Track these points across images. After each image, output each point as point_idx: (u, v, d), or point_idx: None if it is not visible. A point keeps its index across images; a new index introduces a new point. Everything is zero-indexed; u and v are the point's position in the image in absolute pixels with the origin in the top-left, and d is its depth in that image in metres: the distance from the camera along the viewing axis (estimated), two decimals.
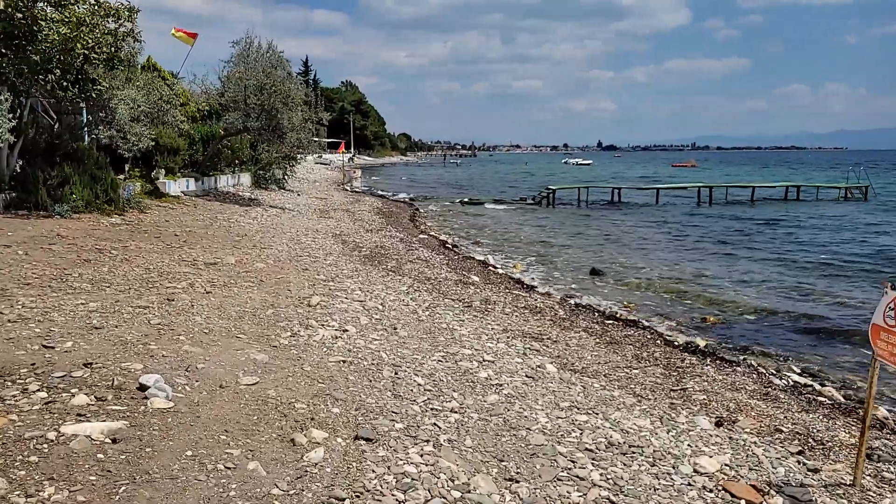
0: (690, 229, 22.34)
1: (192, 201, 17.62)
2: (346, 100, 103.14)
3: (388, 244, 14.57)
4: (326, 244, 13.50)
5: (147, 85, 13.86)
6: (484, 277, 11.52)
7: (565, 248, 17.48)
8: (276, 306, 7.31)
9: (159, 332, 5.66)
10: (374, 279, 10.08)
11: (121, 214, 12.98)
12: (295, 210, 20.40)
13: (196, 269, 8.95)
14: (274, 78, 19.07)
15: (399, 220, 21.10)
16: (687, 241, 19.35)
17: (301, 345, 5.90)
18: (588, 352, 6.78)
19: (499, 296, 9.73)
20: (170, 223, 13.26)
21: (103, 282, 7.46)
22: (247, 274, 9.13)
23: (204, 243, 11.43)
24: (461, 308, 8.54)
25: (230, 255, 10.51)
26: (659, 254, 16.91)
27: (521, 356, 6.41)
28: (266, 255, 11.11)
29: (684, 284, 12.39)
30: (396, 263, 11.95)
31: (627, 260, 15.58)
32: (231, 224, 14.78)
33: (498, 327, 7.55)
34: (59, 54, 10.74)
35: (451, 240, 17.19)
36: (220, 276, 8.66)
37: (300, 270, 10.07)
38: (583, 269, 13.99)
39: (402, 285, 9.81)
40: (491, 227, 21.81)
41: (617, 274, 13.41)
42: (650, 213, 28.20)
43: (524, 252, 16.43)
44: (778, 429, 4.93)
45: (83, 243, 9.67)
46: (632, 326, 8.49)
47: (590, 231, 21.53)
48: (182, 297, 7.08)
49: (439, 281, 10.52)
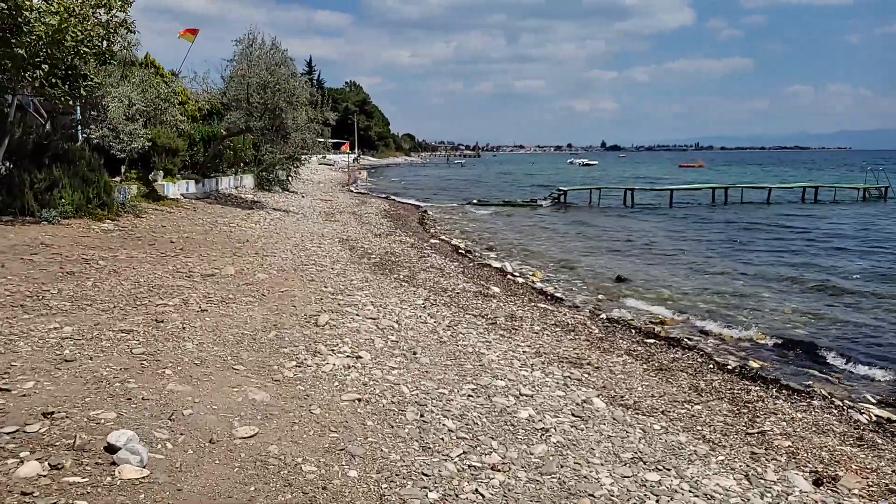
0: (712, 232, 21.40)
1: (191, 204, 16.82)
2: (350, 100, 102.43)
3: (399, 250, 13.72)
4: (333, 251, 12.66)
5: (143, 82, 13.04)
6: (505, 288, 10.65)
7: (584, 253, 16.58)
8: (279, 327, 6.47)
9: (142, 364, 4.81)
10: (386, 291, 9.23)
11: (114, 220, 12.18)
12: (299, 213, 19.58)
13: (191, 282, 8.11)
14: (278, 75, 18.24)
15: (408, 224, 20.25)
16: (711, 244, 18.41)
17: (308, 378, 5.04)
18: (637, 381, 5.90)
19: (524, 310, 8.86)
20: (166, 229, 12.44)
21: (85, 299, 6.62)
22: (247, 287, 8.28)
23: (202, 251, 10.60)
24: (485, 326, 7.67)
25: (230, 264, 9.68)
26: (683, 258, 16.00)
27: (562, 387, 5.54)
28: (269, 263, 10.27)
29: (719, 295, 11.48)
30: (409, 272, 11.09)
31: (651, 266, 14.68)
32: (232, 229, 13.95)
33: (530, 350, 6.68)
34: (46, 48, 9.92)
35: (464, 245, 16.32)
36: (218, 290, 7.82)
37: (306, 281, 9.23)
38: (606, 276, 13.10)
39: (418, 298, 8.96)
40: (503, 231, 20.93)
41: (644, 282, 12.52)
42: (666, 215, 27.26)
43: (541, 257, 15.55)
44: (891, 489, 4.05)
45: (69, 253, 8.85)
46: (674, 346, 7.61)
47: (607, 234, 20.62)
48: (172, 318, 6.24)
49: (457, 292, 9.65)
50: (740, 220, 24.82)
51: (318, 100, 21.03)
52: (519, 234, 20.11)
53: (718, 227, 22.76)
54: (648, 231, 21.71)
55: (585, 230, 21.65)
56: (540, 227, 22.61)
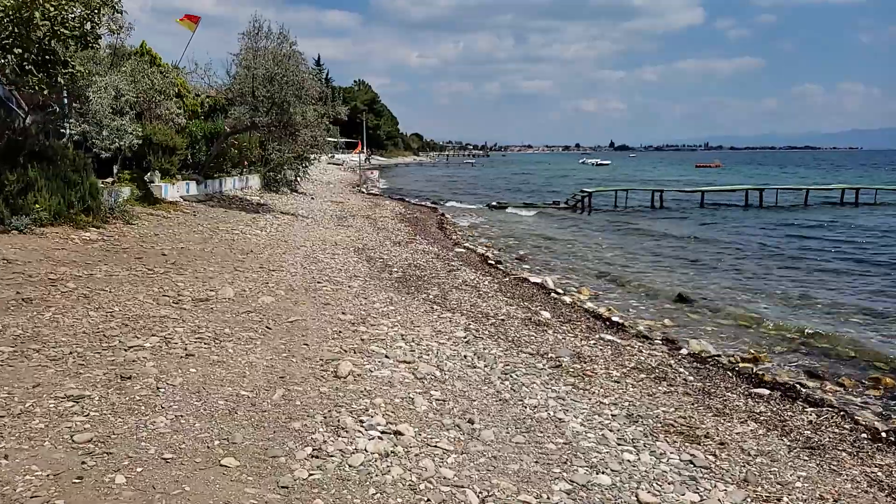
0: (761, 237, 19.53)
1: (191, 208, 15.28)
2: (359, 99, 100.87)
3: (423, 261, 12.08)
4: (349, 262, 11.05)
5: (134, 71, 11.47)
6: (554, 311, 8.99)
7: (626, 262, 14.86)
8: (287, 380, 4.85)
9: (83, 465, 3.20)
10: (416, 317, 7.60)
11: (99, 227, 10.63)
12: (309, 217, 18.00)
13: (179, 311, 6.52)
14: (285, 66, 16.66)
15: (427, 229, 18.61)
16: (765, 252, 16.61)
17: (330, 479, 3.42)
18: (790, 470, 4.23)
19: (588, 344, 7.20)
20: (159, 238, 10.88)
21: (34, 341, 5.04)
22: (248, 316, 6.68)
23: (197, 266, 9.02)
24: (549, 370, 6.02)
25: (229, 283, 8.08)
26: (742, 268, 14.23)
27: (693, 482, 3.89)
28: (275, 281, 8.67)
29: (805, 318, 9.77)
30: (440, 291, 9.45)
31: (708, 279, 12.95)
32: (234, 237, 12.38)
33: (619, 412, 5.02)
34: (11, 25, 8.38)
35: (492, 254, 14.66)
36: (211, 322, 6.22)
37: (319, 306, 7.62)
38: (663, 293, 11.39)
39: (457, 327, 7.32)
40: (530, 237, 19.24)
41: (708, 301, 10.81)
42: (701, 218, 25.40)
43: (580, 269, 13.86)
44: None
45: (33, 271, 7.30)
46: (794, 398, 5.91)
47: (644, 240, 18.87)
48: (145, 370, 4.64)
49: (502, 319, 8.00)
50: (790, 223, 22.97)
51: (327, 94, 19.47)
52: (548, 241, 18.41)
53: (765, 231, 20.88)
54: (690, 236, 19.93)
55: (619, 235, 19.91)
56: (569, 231, 20.90)
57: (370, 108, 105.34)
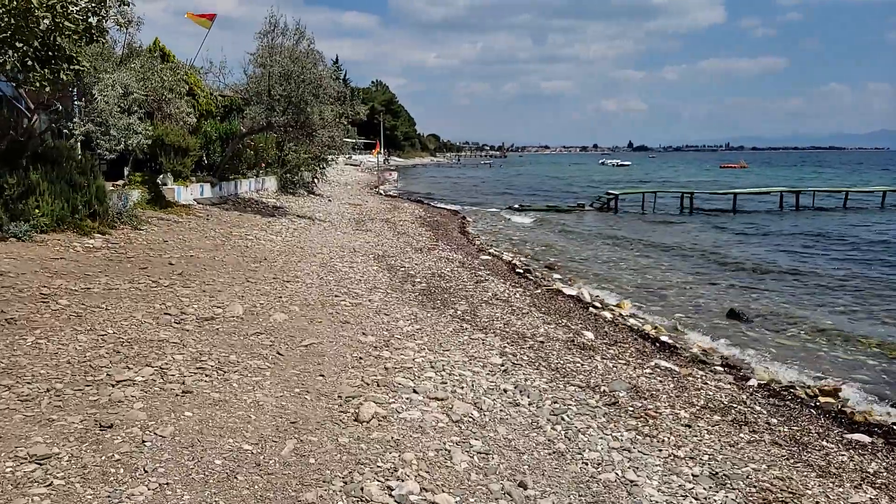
0: (807, 244, 18.30)
1: (205, 211, 14.66)
2: (377, 99, 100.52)
3: (447, 271, 11.26)
4: (369, 272, 10.28)
5: (144, 68, 10.83)
6: (597, 330, 8.08)
7: (664, 272, 13.83)
8: (299, 427, 4.06)
9: None
10: (444, 338, 6.78)
11: (105, 233, 9.99)
12: (326, 220, 17.30)
13: (181, 332, 5.78)
14: (302, 64, 15.97)
15: (449, 234, 17.78)
16: (817, 262, 15.41)
17: None
18: None
19: (644, 373, 6.29)
20: (168, 245, 10.21)
21: (6, 374, 4.32)
22: (257, 338, 5.92)
23: (206, 277, 8.31)
24: (604, 408, 5.15)
25: (238, 297, 7.34)
26: (794, 279, 13.15)
27: None
28: (289, 294, 7.92)
29: (879, 337, 8.73)
30: (468, 305, 8.61)
31: (758, 291, 11.89)
32: (248, 243, 11.69)
33: (700, 470, 4.13)
34: (8, 15, 7.74)
35: (519, 262, 13.77)
36: (215, 348, 5.46)
37: (338, 325, 6.84)
38: (709, 308, 10.41)
39: (491, 351, 6.48)
40: (557, 242, 18.29)
41: (763, 318, 9.80)
42: (737, 222, 24.10)
43: (615, 278, 12.90)
44: None
45: (26, 284, 6.62)
46: (894, 443, 4.98)
47: (677, 246, 17.75)
48: (130, 417, 3.88)
49: (541, 341, 7.13)
50: (829, 229, 21.68)
51: (346, 94, 18.76)
52: (577, 247, 17.45)
53: (810, 238, 19.59)
54: (728, 242, 18.79)
55: (651, 241, 18.84)
56: (597, 236, 19.88)
57: (387, 108, 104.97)
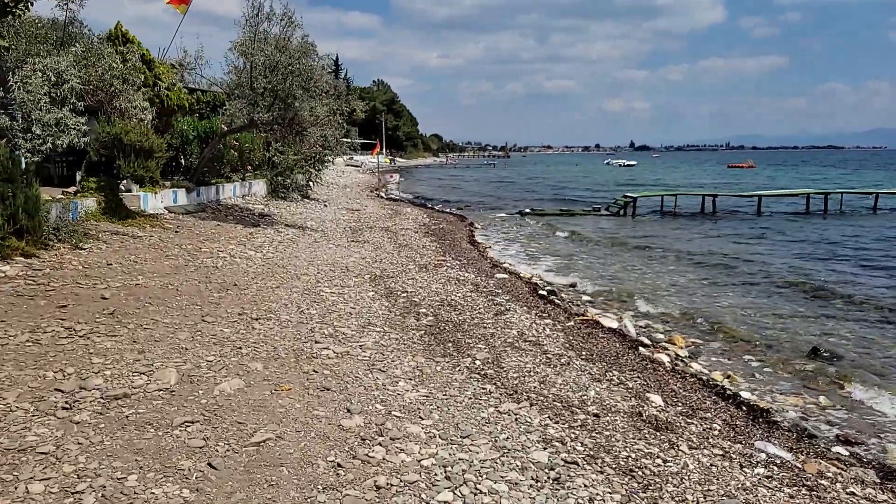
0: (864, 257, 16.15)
1: (176, 222, 12.68)
2: (378, 99, 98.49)
3: (459, 296, 9.25)
4: (363, 300, 8.29)
5: (87, 53, 8.85)
6: (663, 388, 6.06)
7: (712, 294, 11.67)
8: None
9: None
10: (462, 414, 4.78)
11: (32, 255, 8.02)
12: (318, 230, 15.31)
13: (62, 430, 3.78)
14: (290, 53, 13.98)
15: (457, 245, 15.75)
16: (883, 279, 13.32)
17: None
18: None
19: (752, 475, 4.30)
20: (111, 269, 8.21)
21: None
22: (185, 433, 3.92)
23: (146, 317, 6.31)
24: None
25: (180, 351, 5.34)
26: (872, 303, 11.06)
27: None
28: (255, 339, 5.93)
29: None
30: (489, 351, 6.60)
31: (832, 318, 9.86)
32: (219, 262, 9.69)
33: None
34: None
35: (540, 281, 11.74)
36: (103, 465, 3.45)
37: (314, 394, 4.85)
38: (781, 343, 8.37)
39: (530, 436, 4.49)
40: (579, 254, 16.22)
41: (858, 357, 7.79)
42: (769, 228, 22.01)
43: (656, 302, 10.86)
44: None
45: None
46: None
47: (715, 258, 15.66)
48: None
49: (595, 415, 5.12)
50: (877, 234, 19.60)
51: (342, 89, 16.78)
52: (601, 260, 15.40)
53: (866, 250, 17.45)
54: (771, 253, 16.72)
55: (682, 250, 16.78)
56: (621, 246, 17.83)
57: (389, 108, 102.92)
